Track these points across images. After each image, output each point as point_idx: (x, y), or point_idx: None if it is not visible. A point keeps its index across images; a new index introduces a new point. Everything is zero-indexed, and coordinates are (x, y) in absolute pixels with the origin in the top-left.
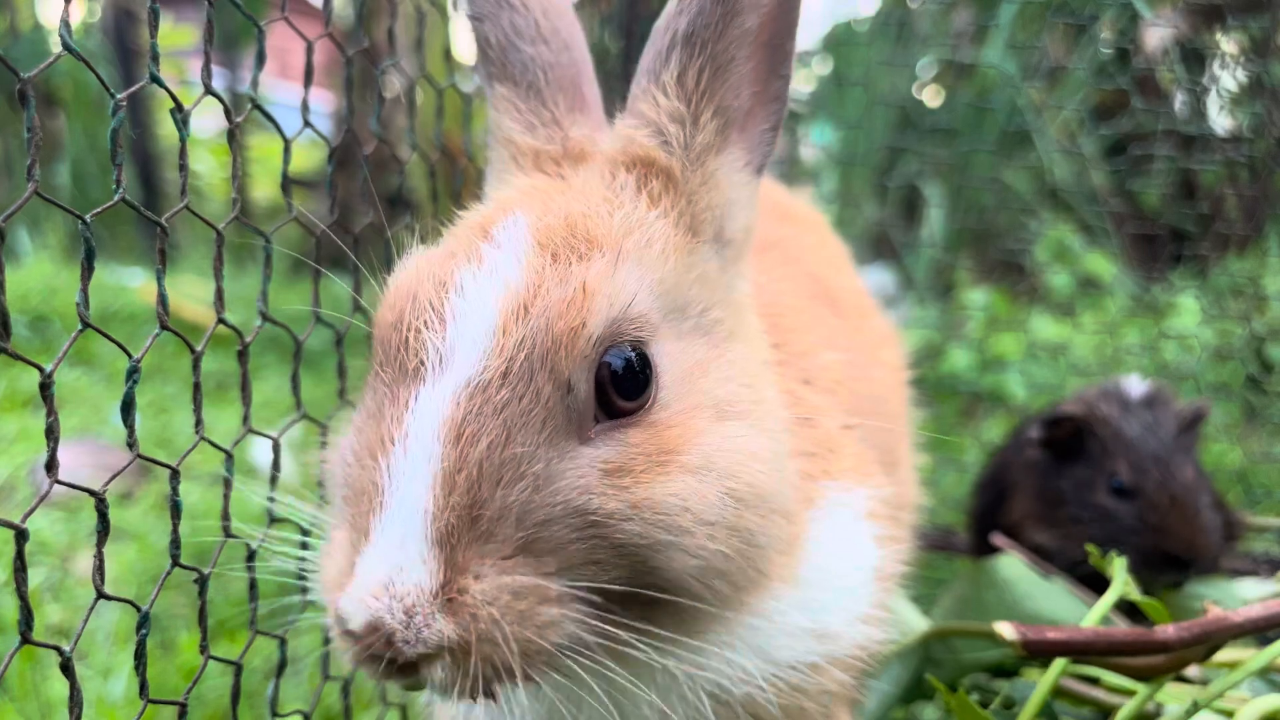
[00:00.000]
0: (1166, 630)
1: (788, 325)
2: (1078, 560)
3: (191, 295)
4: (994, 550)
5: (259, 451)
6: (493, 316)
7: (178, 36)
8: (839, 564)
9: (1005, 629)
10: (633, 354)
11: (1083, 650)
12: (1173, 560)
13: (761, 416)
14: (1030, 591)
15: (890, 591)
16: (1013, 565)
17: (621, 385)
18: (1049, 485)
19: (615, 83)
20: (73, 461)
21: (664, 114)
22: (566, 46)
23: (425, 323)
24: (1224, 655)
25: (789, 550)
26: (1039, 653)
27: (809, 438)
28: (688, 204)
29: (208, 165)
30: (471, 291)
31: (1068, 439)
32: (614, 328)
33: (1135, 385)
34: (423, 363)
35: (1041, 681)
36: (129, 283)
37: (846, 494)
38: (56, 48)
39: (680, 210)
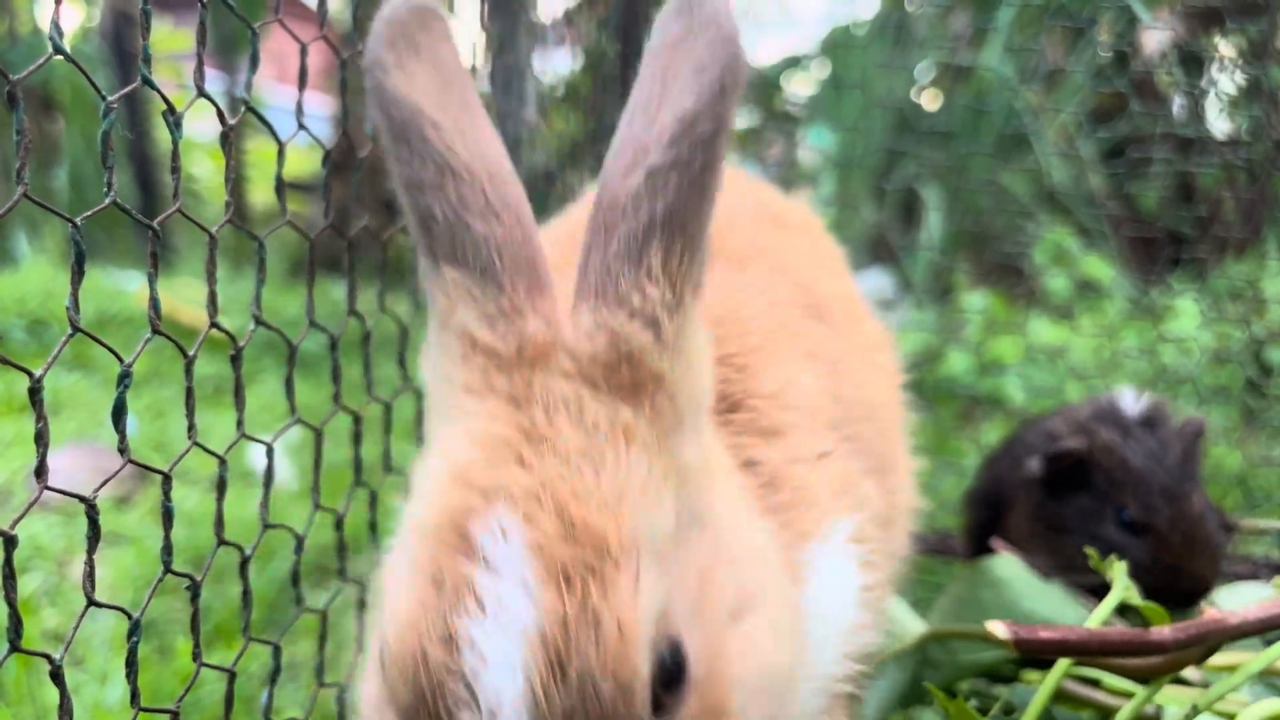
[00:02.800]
0: (1162, 632)
1: (759, 364)
2: (1081, 586)
3: (188, 299)
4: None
5: (256, 456)
6: (526, 683)
7: (175, 41)
8: (831, 609)
9: (997, 628)
10: (668, 654)
11: (1076, 650)
12: (1185, 595)
13: (763, 581)
14: (1027, 592)
15: (875, 606)
16: (1009, 565)
17: (665, 684)
18: (1050, 510)
19: (612, 85)
20: (69, 466)
21: (656, 305)
22: (518, 220)
23: (453, 701)
24: (1224, 659)
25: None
26: (1031, 652)
27: (781, 502)
28: (670, 403)
29: (205, 169)
30: (491, 652)
31: (1069, 469)
32: (656, 651)
33: (1130, 401)
34: None
35: (1041, 688)
36: (126, 286)
37: (827, 544)
38: None
39: (660, 409)
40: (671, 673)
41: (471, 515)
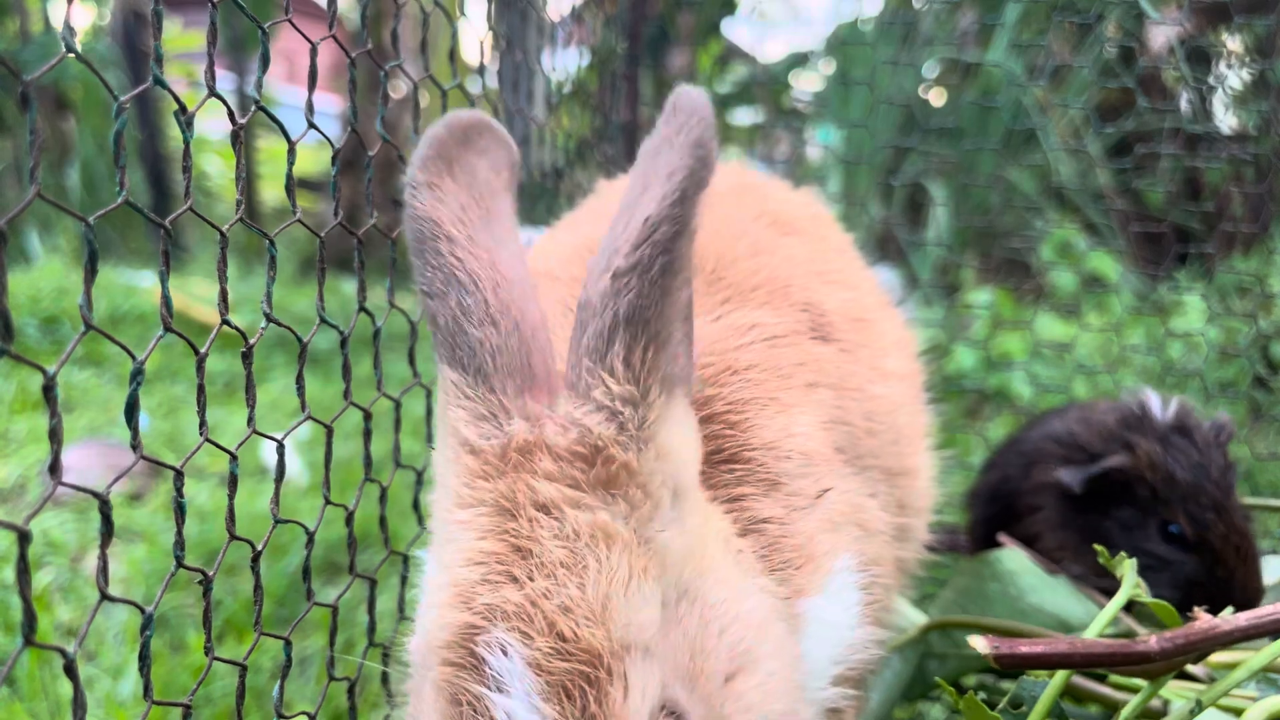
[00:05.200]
0: (1149, 641)
1: (754, 417)
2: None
3: (200, 297)
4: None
5: (267, 452)
6: None
7: (186, 40)
8: (827, 648)
9: (978, 643)
10: None
11: (1059, 664)
12: (1240, 607)
13: (758, 639)
14: (1034, 585)
15: (877, 619)
16: (1016, 558)
17: None
18: (1086, 521)
19: (620, 83)
20: (82, 462)
21: (617, 399)
22: (517, 325)
23: None
24: (1228, 656)
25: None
26: (1012, 666)
27: (783, 560)
28: (643, 492)
29: (217, 167)
30: None
31: (1110, 485)
32: None
33: (1157, 405)
34: None
35: (1051, 684)
36: (139, 284)
37: (824, 594)
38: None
39: (635, 500)
40: None
41: (475, 635)
